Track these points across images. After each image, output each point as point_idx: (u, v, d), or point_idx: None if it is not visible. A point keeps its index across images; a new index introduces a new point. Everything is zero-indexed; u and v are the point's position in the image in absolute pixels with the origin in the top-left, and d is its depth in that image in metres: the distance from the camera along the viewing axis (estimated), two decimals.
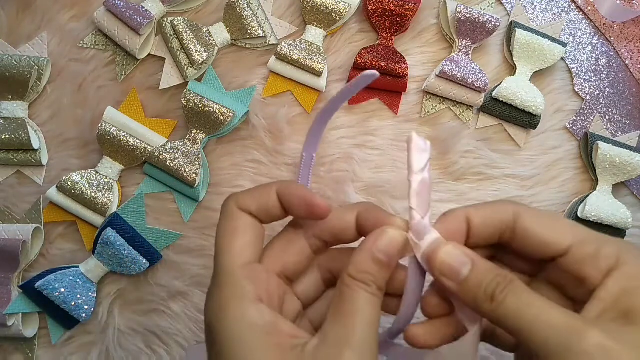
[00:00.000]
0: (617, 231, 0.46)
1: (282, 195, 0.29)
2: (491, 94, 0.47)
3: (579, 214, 0.46)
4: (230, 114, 0.45)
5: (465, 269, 0.26)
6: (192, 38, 0.46)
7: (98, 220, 0.45)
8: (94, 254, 0.44)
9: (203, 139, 0.46)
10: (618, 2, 0.50)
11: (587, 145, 0.48)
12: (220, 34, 0.47)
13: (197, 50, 0.45)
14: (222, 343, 0.25)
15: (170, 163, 0.44)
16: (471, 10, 0.47)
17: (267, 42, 0.47)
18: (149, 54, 0.47)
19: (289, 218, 0.31)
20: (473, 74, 0.46)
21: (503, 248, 0.29)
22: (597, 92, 0.50)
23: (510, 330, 0.24)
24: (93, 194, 0.44)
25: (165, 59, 0.47)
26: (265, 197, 0.29)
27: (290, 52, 0.46)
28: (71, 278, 0.44)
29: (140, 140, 0.45)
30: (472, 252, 0.26)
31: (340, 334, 0.25)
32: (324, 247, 0.31)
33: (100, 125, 0.45)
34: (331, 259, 0.31)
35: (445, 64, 0.46)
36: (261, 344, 0.25)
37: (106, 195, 0.45)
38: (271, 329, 0.25)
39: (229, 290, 0.27)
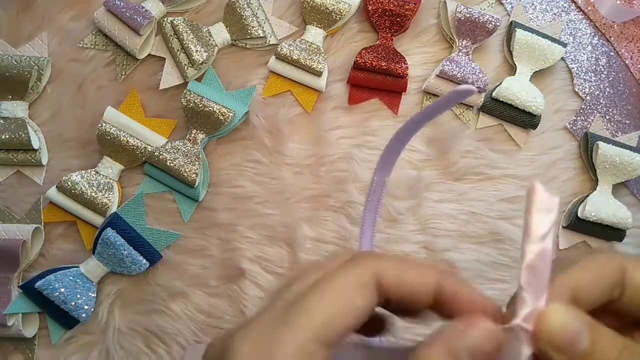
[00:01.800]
0: (617, 231, 0.46)
1: (444, 289, 0.22)
2: (491, 94, 0.47)
3: (579, 214, 0.46)
4: (230, 114, 0.45)
5: (583, 339, 0.20)
6: (192, 38, 0.46)
7: (98, 220, 0.45)
8: (94, 254, 0.44)
9: (203, 139, 0.46)
10: (618, 2, 0.50)
11: (587, 145, 0.48)
12: (220, 34, 0.47)
13: (197, 50, 0.45)
14: None
15: (170, 163, 0.44)
16: (471, 10, 0.47)
17: (267, 42, 0.47)
18: (149, 54, 0.47)
19: None
20: (473, 74, 0.46)
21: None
22: (597, 92, 0.50)
23: None
24: (93, 194, 0.44)
25: (165, 59, 0.47)
26: (419, 280, 0.22)
27: (290, 52, 0.46)
28: (71, 278, 0.44)
29: (140, 140, 0.45)
30: (587, 315, 0.21)
31: None
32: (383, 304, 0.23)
33: (100, 125, 0.45)
34: None
35: (445, 64, 0.46)
36: None
37: (106, 195, 0.45)
38: None
39: None
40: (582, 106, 0.49)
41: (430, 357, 0.20)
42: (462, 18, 0.47)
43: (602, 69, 0.50)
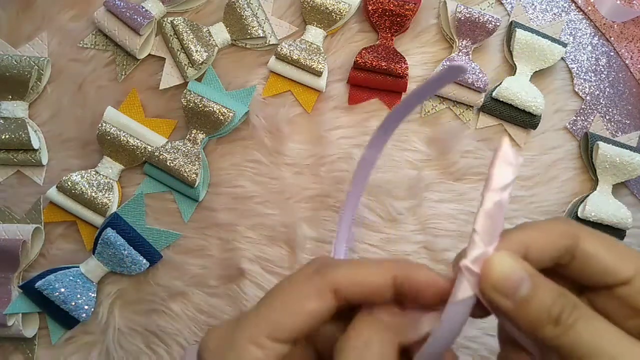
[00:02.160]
0: (617, 231, 0.46)
1: (404, 281, 0.24)
2: (491, 94, 0.47)
3: (579, 214, 0.46)
4: (230, 114, 0.45)
5: (524, 285, 0.22)
6: (192, 38, 0.46)
7: (98, 220, 0.45)
8: (94, 254, 0.44)
9: (203, 139, 0.46)
10: (618, 2, 0.50)
11: (587, 145, 0.48)
12: (220, 34, 0.47)
13: (197, 50, 0.45)
14: None
15: (170, 163, 0.44)
16: (471, 10, 0.47)
17: (267, 42, 0.47)
18: (149, 54, 0.47)
19: None
20: (473, 74, 0.46)
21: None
22: (597, 92, 0.50)
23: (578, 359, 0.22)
24: (93, 194, 0.44)
25: (165, 59, 0.47)
26: (375, 281, 0.24)
27: (290, 52, 0.46)
28: (71, 278, 0.44)
29: (140, 140, 0.45)
30: (530, 266, 0.23)
31: None
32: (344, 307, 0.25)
33: (100, 125, 0.45)
34: None
35: (445, 64, 0.46)
36: None
37: (106, 195, 0.45)
38: None
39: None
40: (582, 106, 0.49)
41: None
42: (462, 18, 0.47)
43: (602, 69, 0.50)
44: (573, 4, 0.51)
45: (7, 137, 0.45)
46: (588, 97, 0.50)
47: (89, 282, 0.44)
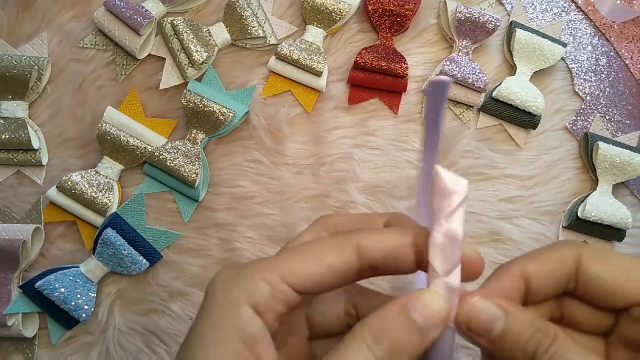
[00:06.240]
0: (617, 231, 0.46)
1: (424, 249, 0.23)
2: (491, 94, 0.47)
3: (579, 214, 0.46)
4: (230, 114, 0.45)
5: (497, 323, 0.22)
6: (192, 38, 0.46)
7: (98, 220, 0.45)
8: (94, 254, 0.44)
9: (203, 139, 0.46)
10: (618, 2, 0.50)
11: (587, 145, 0.48)
12: (220, 34, 0.47)
13: (197, 50, 0.45)
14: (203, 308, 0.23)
15: (170, 163, 0.44)
16: (471, 10, 0.47)
17: (267, 42, 0.47)
18: (149, 54, 0.47)
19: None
20: (473, 74, 0.46)
21: (571, 297, 0.25)
22: (597, 92, 0.50)
23: None
24: (93, 194, 0.44)
25: (165, 59, 0.47)
26: (398, 245, 0.24)
27: (290, 52, 0.46)
28: (71, 278, 0.44)
29: (140, 140, 0.45)
30: (504, 301, 0.23)
31: None
32: (369, 273, 0.24)
33: (100, 125, 0.45)
34: (365, 300, 0.27)
35: (445, 64, 0.46)
36: (228, 343, 0.21)
37: (106, 195, 0.45)
38: (250, 340, 0.21)
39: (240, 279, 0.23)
40: (582, 106, 0.49)
41: (384, 312, 0.22)
42: (462, 18, 0.47)
43: (602, 69, 0.50)
44: (573, 4, 0.51)
45: (7, 137, 0.45)
46: (588, 97, 0.50)
47: (89, 282, 0.44)
